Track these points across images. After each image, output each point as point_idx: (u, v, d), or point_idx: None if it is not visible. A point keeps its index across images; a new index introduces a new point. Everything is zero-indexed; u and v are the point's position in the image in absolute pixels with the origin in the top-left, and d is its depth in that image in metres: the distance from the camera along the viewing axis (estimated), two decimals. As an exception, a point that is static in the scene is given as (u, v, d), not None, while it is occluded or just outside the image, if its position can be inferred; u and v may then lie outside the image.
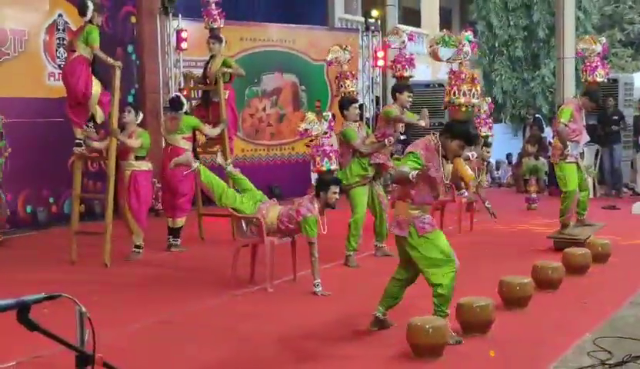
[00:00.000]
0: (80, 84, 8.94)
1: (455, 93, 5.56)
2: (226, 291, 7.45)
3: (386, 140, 8.68)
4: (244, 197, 7.65)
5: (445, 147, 5.48)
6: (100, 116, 9.15)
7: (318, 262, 7.24)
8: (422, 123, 8.83)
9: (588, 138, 9.95)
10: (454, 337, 5.52)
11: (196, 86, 11.34)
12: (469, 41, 5.78)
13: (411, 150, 5.49)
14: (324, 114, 8.22)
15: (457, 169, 5.48)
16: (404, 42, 9.75)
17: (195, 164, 7.77)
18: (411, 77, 9.71)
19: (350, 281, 7.95)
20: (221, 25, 11.12)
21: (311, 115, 7.87)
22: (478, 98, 5.65)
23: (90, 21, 9.02)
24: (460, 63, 5.72)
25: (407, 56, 9.64)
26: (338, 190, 7.18)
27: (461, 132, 5.46)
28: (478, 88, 5.69)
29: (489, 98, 11.52)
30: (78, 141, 9.24)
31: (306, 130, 7.67)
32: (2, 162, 10.48)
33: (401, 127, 9.33)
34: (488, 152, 10.73)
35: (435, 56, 5.97)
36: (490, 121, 10.88)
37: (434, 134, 5.61)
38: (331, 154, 7.20)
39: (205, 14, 11.19)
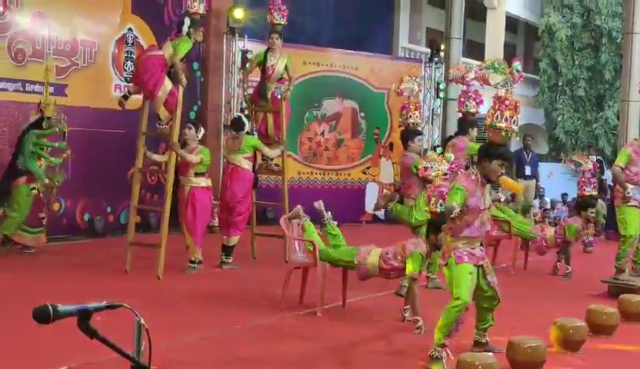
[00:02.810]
0: (150, 83, 9.08)
1: (497, 117, 5.73)
2: (275, 312, 7.47)
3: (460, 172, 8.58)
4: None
5: (486, 171, 5.75)
6: (165, 116, 9.27)
7: (418, 298, 7.11)
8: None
9: None
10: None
11: (261, 106, 11.01)
12: (517, 71, 5.96)
13: (454, 184, 5.80)
14: (446, 155, 8.08)
15: (505, 186, 5.62)
16: (476, 77, 9.64)
17: (305, 218, 7.82)
18: (477, 113, 9.65)
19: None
20: (284, 23, 10.76)
21: (432, 154, 7.79)
22: (517, 125, 5.81)
23: (188, 35, 9.20)
24: (507, 90, 5.84)
25: (474, 92, 9.54)
26: None
27: (497, 153, 5.75)
28: (519, 117, 5.82)
29: (594, 157, 11.12)
30: (160, 122, 9.38)
31: (426, 168, 7.64)
32: (59, 163, 10.59)
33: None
34: (592, 213, 10.38)
35: (484, 80, 6.11)
36: (595, 180, 10.42)
37: (472, 166, 5.97)
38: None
39: (272, 8, 10.68)
